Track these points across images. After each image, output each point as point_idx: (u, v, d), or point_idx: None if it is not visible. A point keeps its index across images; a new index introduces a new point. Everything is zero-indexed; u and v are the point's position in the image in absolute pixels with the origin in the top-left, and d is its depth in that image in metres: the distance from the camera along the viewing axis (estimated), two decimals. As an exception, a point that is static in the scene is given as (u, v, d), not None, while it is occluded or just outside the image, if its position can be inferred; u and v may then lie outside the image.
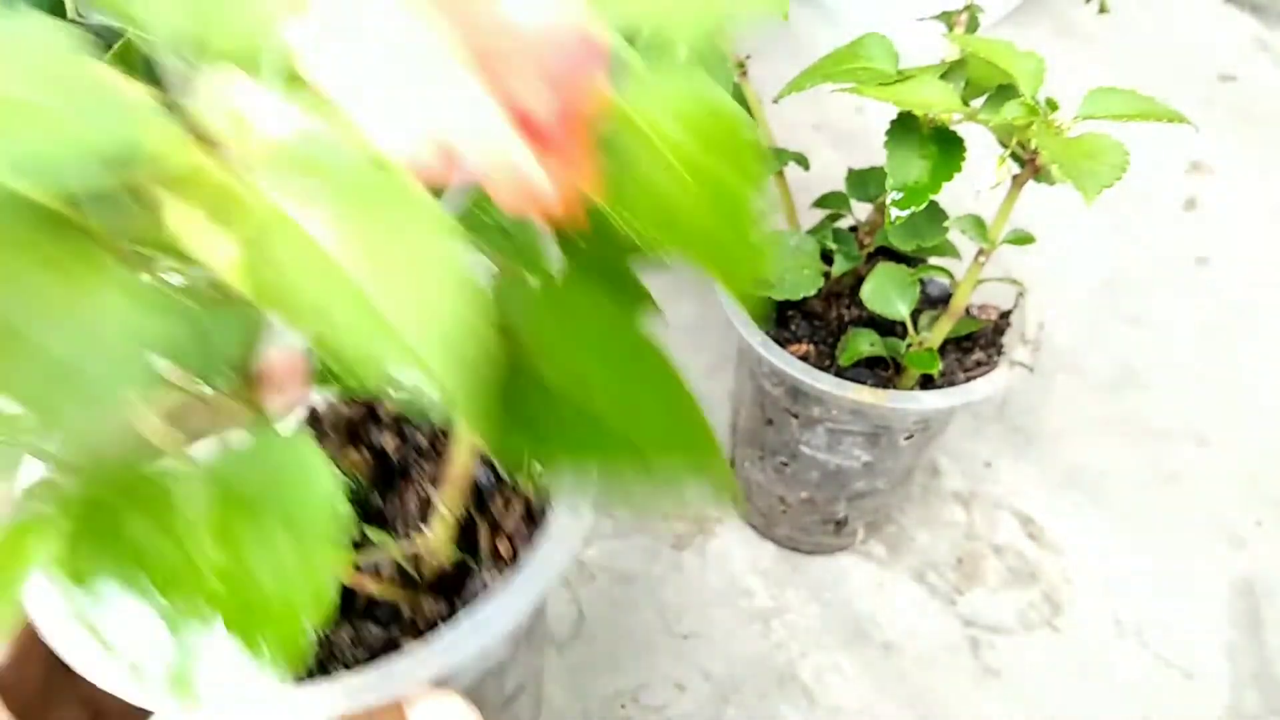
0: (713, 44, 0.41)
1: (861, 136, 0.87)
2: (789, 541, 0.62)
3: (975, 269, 0.48)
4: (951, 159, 0.44)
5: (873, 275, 0.50)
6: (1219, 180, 0.87)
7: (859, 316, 0.54)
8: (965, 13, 0.49)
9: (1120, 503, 0.66)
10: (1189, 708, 0.57)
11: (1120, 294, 0.78)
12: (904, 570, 0.62)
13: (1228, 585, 0.63)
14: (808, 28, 0.97)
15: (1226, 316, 0.77)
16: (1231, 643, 0.60)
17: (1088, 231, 0.82)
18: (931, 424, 0.54)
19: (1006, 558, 0.63)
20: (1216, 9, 1.03)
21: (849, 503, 0.58)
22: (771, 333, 0.53)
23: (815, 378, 0.49)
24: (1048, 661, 0.59)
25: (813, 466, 0.56)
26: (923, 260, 0.54)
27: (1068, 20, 1.00)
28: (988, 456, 0.68)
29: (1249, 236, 0.83)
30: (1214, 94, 0.94)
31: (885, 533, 0.64)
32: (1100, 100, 0.42)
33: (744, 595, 0.61)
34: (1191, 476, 0.68)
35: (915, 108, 0.42)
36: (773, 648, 0.59)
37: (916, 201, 0.43)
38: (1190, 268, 0.80)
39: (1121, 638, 0.60)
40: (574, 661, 0.57)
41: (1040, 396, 0.71)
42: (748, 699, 0.57)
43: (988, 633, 0.60)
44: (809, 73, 0.47)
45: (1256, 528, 0.65)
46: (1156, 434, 0.70)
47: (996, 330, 0.54)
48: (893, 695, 0.57)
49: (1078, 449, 0.69)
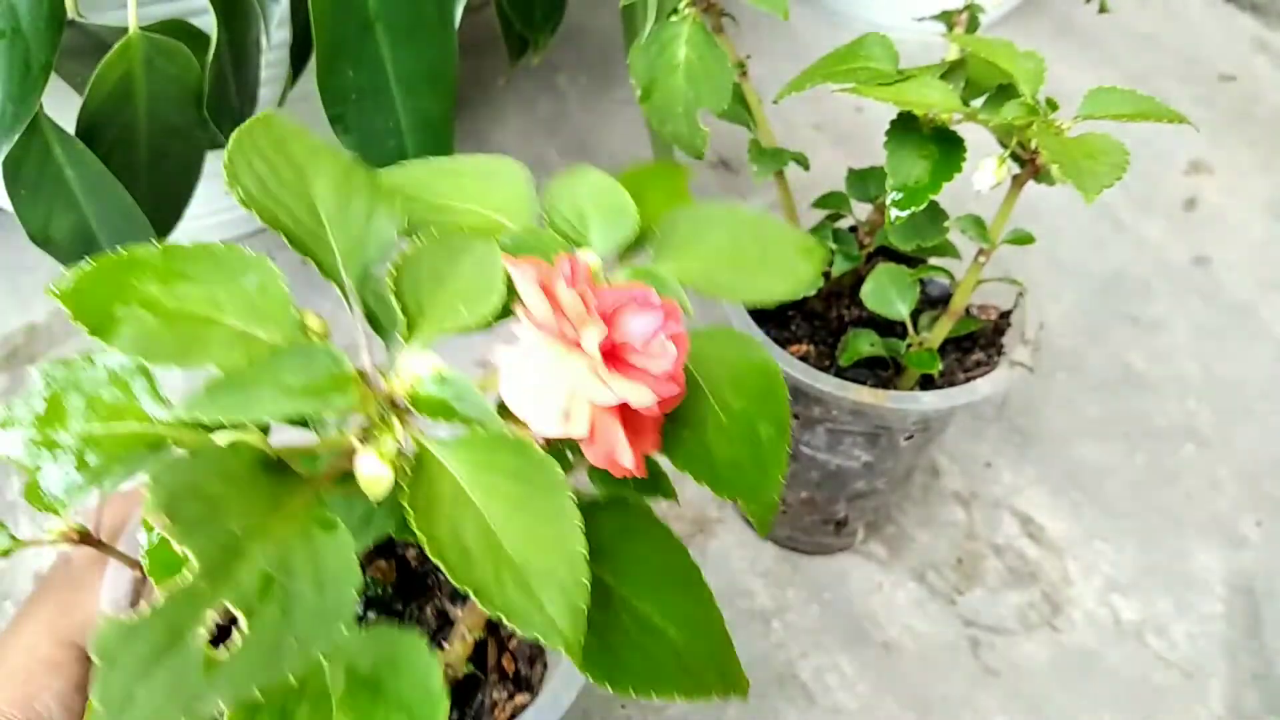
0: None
1: (861, 136, 0.87)
2: (789, 542, 0.62)
3: (975, 269, 0.48)
4: (951, 159, 0.44)
5: (873, 275, 0.50)
6: (1219, 180, 0.87)
7: (859, 316, 0.54)
8: (965, 13, 0.49)
9: (1120, 503, 0.66)
10: (1189, 707, 0.57)
11: (1120, 294, 0.78)
12: (904, 570, 0.62)
13: (1228, 585, 0.63)
14: (808, 28, 0.97)
15: (1226, 316, 0.77)
16: (1231, 643, 0.60)
17: (1088, 231, 0.82)
18: (931, 424, 0.54)
19: (1006, 558, 0.63)
20: (1216, 9, 1.03)
21: (849, 503, 0.58)
22: (771, 333, 0.53)
23: (815, 378, 0.49)
24: (1048, 661, 0.59)
25: (813, 466, 0.56)
26: (923, 260, 0.54)
27: (1068, 20, 1.00)
28: (988, 456, 0.68)
29: (1249, 236, 0.83)
30: (1214, 94, 0.94)
31: (885, 533, 0.64)
32: (1100, 100, 0.42)
33: (744, 595, 0.61)
34: (1191, 476, 0.68)
35: (915, 108, 0.42)
36: (773, 648, 0.59)
37: (916, 201, 0.43)
38: (1190, 268, 0.80)
39: (1121, 638, 0.60)
40: (574, 661, 0.57)
41: (1040, 396, 0.71)
42: (748, 699, 0.57)
43: (988, 633, 0.60)
44: (809, 73, 0.47)
45: (1256, 528, 0.65)
46: (1156, 434, 0.70)
47: (996, 330, 0.54)
48: (893, 695, 0.57)
49: (1078, 449, 0.69)
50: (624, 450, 0.25)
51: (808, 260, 0.34)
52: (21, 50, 0.47)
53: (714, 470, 0.28)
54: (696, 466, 0.28)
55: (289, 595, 0.21)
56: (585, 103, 0.89)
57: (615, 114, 0.88)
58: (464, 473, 0.23)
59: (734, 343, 0.31)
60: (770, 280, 0.33)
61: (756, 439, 0.29)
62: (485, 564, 0.22)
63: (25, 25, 0.47)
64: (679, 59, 0.47)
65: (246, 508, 0.21)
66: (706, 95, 0.47)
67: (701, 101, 0.47)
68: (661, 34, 0.47)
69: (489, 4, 0.70)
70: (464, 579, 0.22)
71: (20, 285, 0.72)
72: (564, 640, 0.22)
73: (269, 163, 0.28)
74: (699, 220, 0.33)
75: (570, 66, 0.91)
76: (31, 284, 0.71)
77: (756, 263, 0.33)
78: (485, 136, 0.85)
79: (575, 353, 0.24)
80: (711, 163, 0.84)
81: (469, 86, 0.87)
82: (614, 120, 0.87)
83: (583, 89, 0.90)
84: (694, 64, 0.47)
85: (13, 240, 0.71)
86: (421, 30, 0.56)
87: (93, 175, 0.53)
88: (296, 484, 0.23)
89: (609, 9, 0.92)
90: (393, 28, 0.55)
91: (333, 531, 0.22)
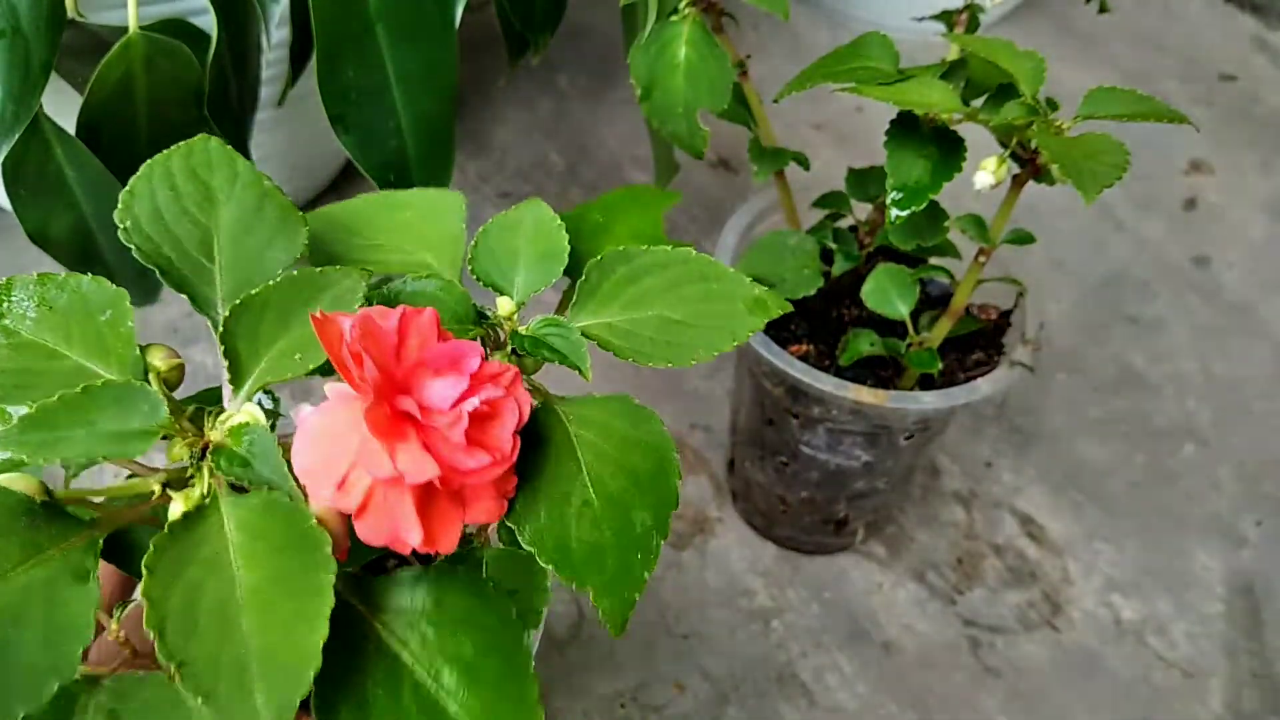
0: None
1: (861, 136, 0.87)
2: (789, 541, 0.62)
3: (975, 269, 0.48)
4: (951, 159, 0.44)
5: (873, 275, 0.50)
6: (1219, 180, 0.87)
7: (859, 316, 0.54)
8: (965, 13, 0.49)
9: (1120, 503, 0.66)
10: (1189, 707, 0.57)
11: (1120, 294, 0.78)
12: (904, 570, 0.62)
13: (1228, 585, 0.63)
14: (808, 28, 0.97)
15: (1226, 316, 0.77)
16: (1231, 643, 0.60)
17: (1088, 231, 0.82)
18: (931, 424, 0.54)
19: (1006, 558, 0.63)
20: (1216, 9, 1.03)
21: (849, 503, 0.58)
22: (771, 333, 0.53)
23: (815, 378, 0.49)
24: (1048, 661, 0.59)
25: (813, 466, 0.56)
26: (923, 260, 0.54)
27: (1068, 20, 1.00)
28: (988, 456, 0.68)
29: (1249, 236, 0.83)
30: (1214, 94, 0.94)
31: (885, 533, 0.64)
32: (1100, 100, 0.42)
33: (744, 595, 0.61)
34: (1191, 476, 0.68)
35: (915, 108, 0.42)
36: (772, 647, 0.59)
37: (916, 201, 0.43)
38: (1190, 268, 0.80)
39: (1121, 638, 0.60)
40: (573, 661, 0.57)
41: (1040, 396, 0.71)
42: (747, 699, 0.57)
43: (988, 632, 0.60)
44: (809, 73, 0.47)
45: (1256, 528, 0.65)
46: (1156, 434, 0.70)
47: (996, 330, 0.54)
48: (893, 695, 0.57)
49: (1078, 449, 0.69)
50: (411, 528, 0.23)
51: (755, 314, 0.31)
52: (22, 50, 0.47)
53: (566, 554, 0.26)
54: (544, 546, 0.26)
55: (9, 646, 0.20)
56: (585, 103, 0.89)
57: (615, 114, 0.88)
58: (236, 536, 0.23)
59: (629, 416, 0.28)
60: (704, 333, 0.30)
61: (629, 527, 0.26)
62: (208, 639, 0.21)
63: (25, 25, 0.47)
64: (679, 59, 0.47)
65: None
66: (706, 95, 0.47)
67: (701, 101, 0.47)
68: (661, 34, 0.47)
69: (489, 4, 0.70)
70: (173, 653, 0.20)
71: (20, 285, 0.71)
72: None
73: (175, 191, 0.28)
74: (638, 264, 0.31)
75: (570, 66, 0.91)
76: (31, 284, 0.71)
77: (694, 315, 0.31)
78: (485, 136, 0.85)
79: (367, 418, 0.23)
80: (711, 163, 0.84)
81: (469, 86, 0.87)
82: (614, 120, 0.87)
83: (583, 89, 0.90)
84: (694, 64, 0.47)
85: (11, 240, 0.71)
86: (421, 30, 0.56)
87: (93, 175, 0.53)
88: (68, 530, 0.22)
89: (609, 9, 0.92)
90: (393, 28, 0.55)
91: (83, 584, 0.22)
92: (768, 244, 0.53)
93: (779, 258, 0.52)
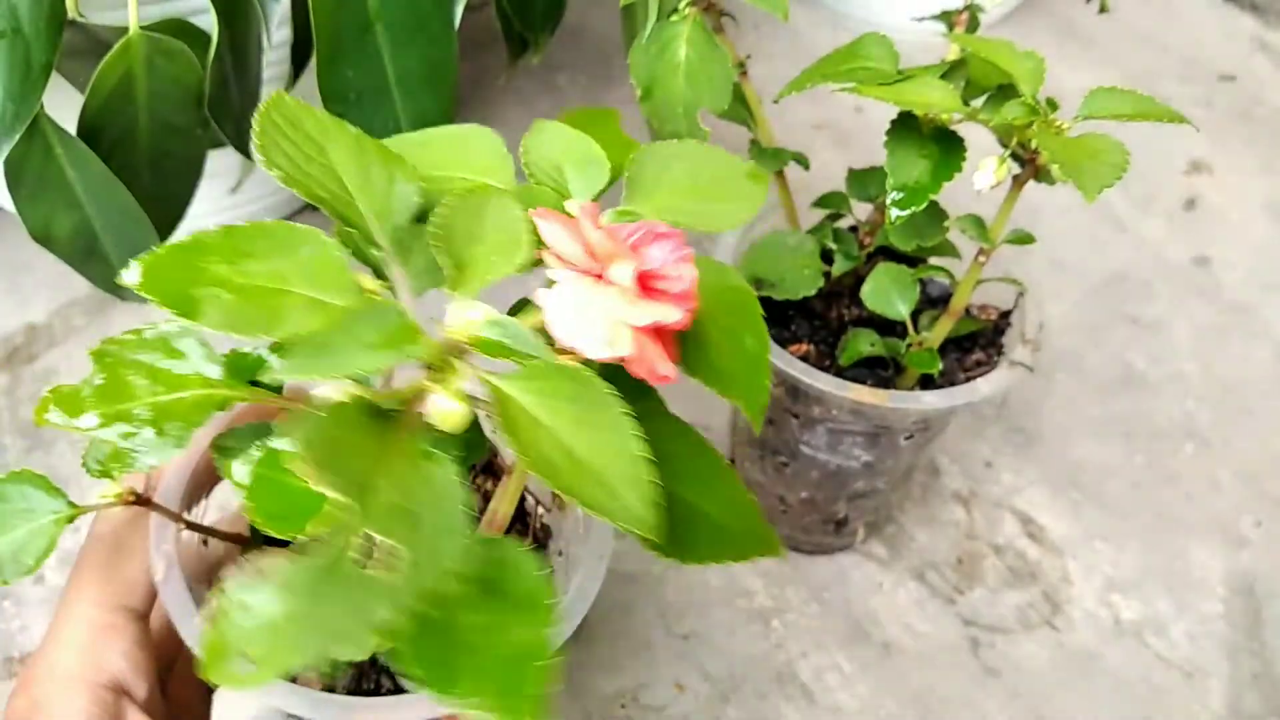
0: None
1: (861, 136, 0.87)
2: (789, 541, 0.62)
3: (975, 269, 0.48)
4: (951, 159, 0.44)
5: (873, 275, 0.50)
6: (1219, 180, 0.87)
7: (859, 316, 0.54)
8: (965, 13, 0.49)
9: (1121, 503, 0.66)
10: (1189, 708, 0.57)
11: (1120, 294, 0.78)
12: (904, 570, 0.62)
13: (1227, 585, 0.63)
14: (808, 28, 0.97)
15: (1226, 316, 0.77)
16: (1231, 643, 0.60)
17: (1088, 231, 0.82)
18: (931, 424, 0.54)
19: (1006, 558, 0.63)
20: (1216, 9, 1.03)
21: (849, 502, 0.58)
22: (772, 332, 0.53)
23: (815, 378, 0.49)
24: (1048, 661, 0.59)
25: (813, 466, 0.56)
26: (923, 260, 0.54)
27: (1068, 20, 1.00)
28: (988, 456, 0.68)
29: (1249, 236, 0.83)
30: (1214, 94, 0.94)
31: (885, 532, 0.64)
32: (1100, 100, 0.42)
33: (744, 595, 0.61)
34: (1191, 476, 0.68)
35: (915, 108, 0.42)
36: (772, 647, 0.59)
37: (916, 201, 0.43)
38: (1190, 268, 0.80)
39: (1121, 638, 0.60)
40: (573, 661, 0.57)
41: (1040, 396, 0.71)
42: (747, 699, 0.57)
43: (988, 632, 0.60)
44: (809, 73, 0.47)
45: (1256, 528, 0.65)
46: (1156, 434, 0.70)
47: (996, 330, 0.54)
48: (893, 695, 0.57)
49: (1078, 449, 0.69)
50: (662, 362, 0.28)
51: (756, 183, 0.36)
52: (22, 50, 0.47)
53: (719, 376, 0.31)
54: (706, 373, 0.31)
55: (415, 518, 0.23)
56: (585, 103, 0.89)
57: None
58: (529, 400, 0.26)
59: (714, 269, 0.33)
60: (727, 206, 0.36)
61: (744, 350, 0.32)
62: (570, 473, 0.25)
63: (25, 25, 0.47)
64: (679, 59, 0.47)
65: (366, 450, 0.24)
66: (706, 95, 0.47)
67: (701, 101, 0.47)
68: (661, 34, 0.47)
69: (489, 4, 0.70)
70: (561, 486, 0.25)
71: (20, 284, 0.72)
72: (650, 529, 0.25)
73: (292, 140, 0.30)
74: (662, 158, 0.36)
75: (570, 66, 0.91)
76: (31, 283, 0.71)
77: (714, 193, 0.36)
78: (485, 136, 0.85)
79: (608, 285, 0.27)
80: (712, 163, 0.84)
81: (469, 86, 0.87)
82: (614, 120, 0.87)
83: (583, 89, 0.90)
84: (694, 64, 0.47)
85: (12, 239, 0.71)
86: (421, 30, 0.56)
87: (94, 175, 0.53)
88: (396, 426, 0.26)
89: (609, 9, 0.92)
90: (393, 28, 0.55)
91: (435, 460, 0.25)
92: (768, 244, 0.53)
93: (779, 258, 0.52)
